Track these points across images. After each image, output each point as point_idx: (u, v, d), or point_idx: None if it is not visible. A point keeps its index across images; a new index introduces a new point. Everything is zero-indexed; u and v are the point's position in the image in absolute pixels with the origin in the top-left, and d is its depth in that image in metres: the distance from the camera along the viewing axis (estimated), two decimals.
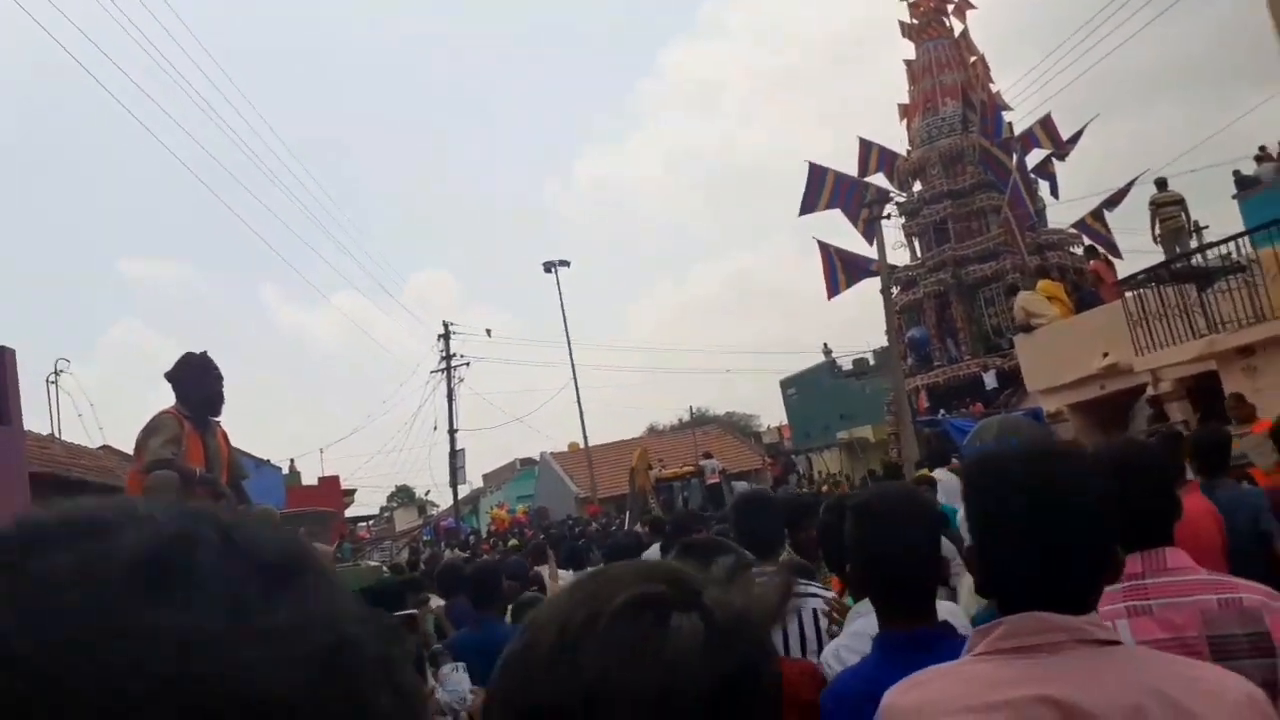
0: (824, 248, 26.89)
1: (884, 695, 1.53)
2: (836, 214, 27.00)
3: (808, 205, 27.92)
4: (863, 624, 2.35)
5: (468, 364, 36.04)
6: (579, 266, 46.29)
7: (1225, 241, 10.06)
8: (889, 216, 22.84)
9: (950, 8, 31.61)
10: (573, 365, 36.59)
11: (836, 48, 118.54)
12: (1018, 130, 29.89)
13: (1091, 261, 15.15)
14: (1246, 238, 10.05)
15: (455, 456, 34.91)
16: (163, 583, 0.37)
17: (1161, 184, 15.59)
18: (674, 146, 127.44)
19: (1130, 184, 27.57)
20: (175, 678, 0.35)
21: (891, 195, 28.86)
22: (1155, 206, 15.42)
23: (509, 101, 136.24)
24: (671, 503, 25.86)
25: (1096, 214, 27.88)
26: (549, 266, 36.68)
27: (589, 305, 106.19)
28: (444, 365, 35.57)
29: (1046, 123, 29.50)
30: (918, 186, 32.18)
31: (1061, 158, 29.67)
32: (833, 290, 27.27)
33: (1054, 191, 29.90)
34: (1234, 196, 20.19)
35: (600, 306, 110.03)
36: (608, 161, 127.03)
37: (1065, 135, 29.41)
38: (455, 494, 36.32)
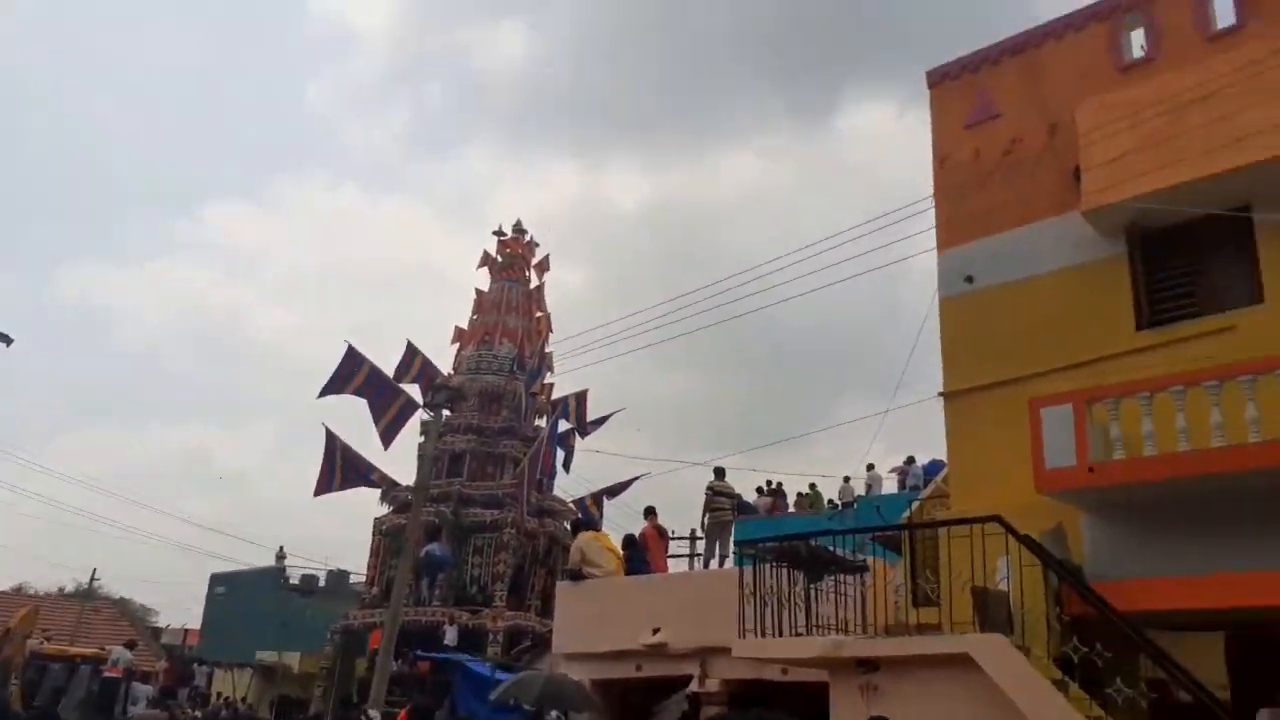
0: (331, 439, 23.82)
1: None
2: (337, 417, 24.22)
3: (333, 387, 24.84)
4: None
5: None
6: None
7: (850, 532, 9.21)
8: (442, 407, 20.50)
9: (534, 260, 32.23)
10: None
11: (401, 265, 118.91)
12: (555, 395, 30.35)
13: (647, 522, 14.00)
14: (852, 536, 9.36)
15: None
16: None
17: (720, 473, 15.36)
18: (188, 294, 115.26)
19: (633, 480, 28.72)
20: None
21: (422, 409, 26.65)
22: (711, 493, 15.00)
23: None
24: (37, 688, 18.90)
25: (597, 497, 28.39)
26: None
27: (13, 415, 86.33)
28: None
29: (581, 398, 30.19)
30: (446, 412, 30.57)
31: (583, 435, 30.33)
32: (325, 487, 23.98)
33: (566, 464, 29.82)
34: None
35: (25, 422, 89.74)
36: (103, 282, 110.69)
37: (592, 417, 30.43)
38: None
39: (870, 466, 20.78)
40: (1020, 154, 10.30)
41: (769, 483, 22.75)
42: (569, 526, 18.58)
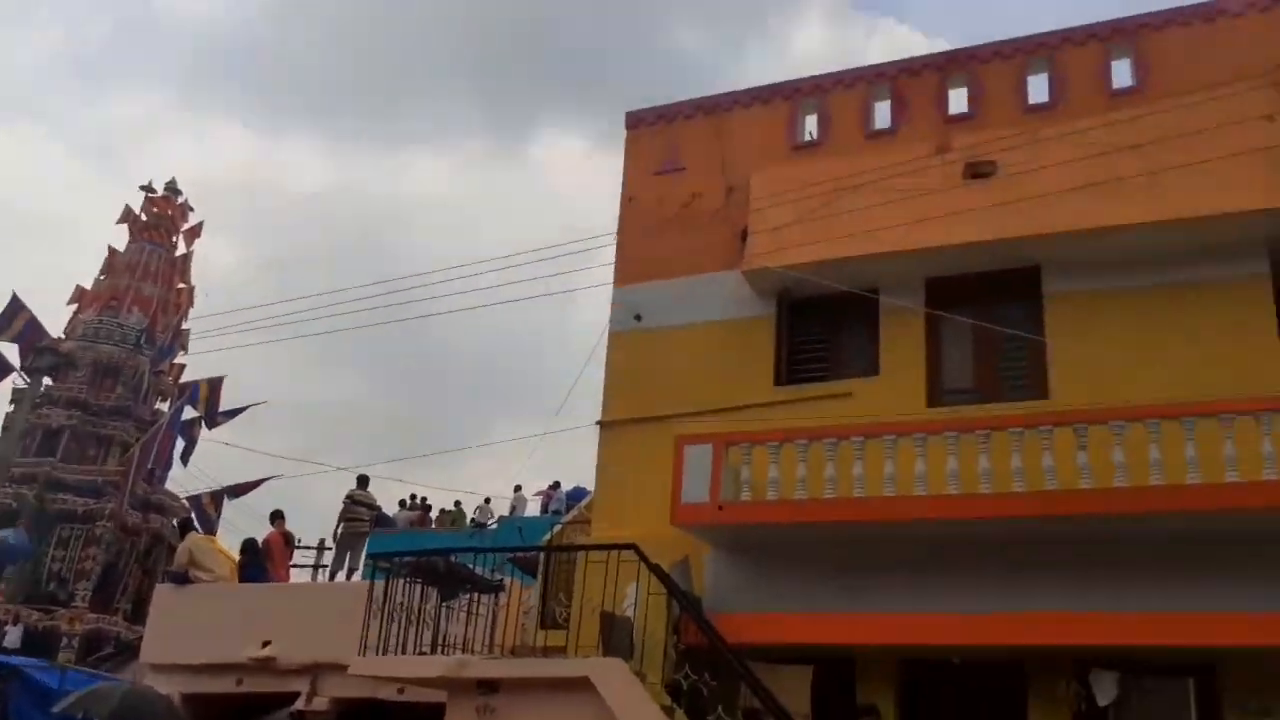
0: None
1: None
2: None
3: None
4: None
5: None
6: None
7: (490, 550, 9.10)
8: (44, 374, 17.96)
9: (184, 226, 29.32)
10: None
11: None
12: (186, 378, 27.56)
13: (273, 527, 13.00)
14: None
15: None
16: None
17: (363, 481, 14.61)
18: None
19: (262, 480, 26.67)
20: None
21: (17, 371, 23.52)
22: (349, 502, 14.25)
23: None
24: None
25: (216, 496, 26.02)
26: None
27: None
28: None
29: (215, 385, 27.61)
30: (48, 381, 26.75)
31: (210, 426, 27.76)
32: None
33: (186, 456, 27.10)
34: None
35: None
36: None
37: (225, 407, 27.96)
38: None
39: (518, 488, 20.97)
40: (698, 207, 10.95)
41: (414, 496, 22.22)
42: (177, 525, 16.86)
